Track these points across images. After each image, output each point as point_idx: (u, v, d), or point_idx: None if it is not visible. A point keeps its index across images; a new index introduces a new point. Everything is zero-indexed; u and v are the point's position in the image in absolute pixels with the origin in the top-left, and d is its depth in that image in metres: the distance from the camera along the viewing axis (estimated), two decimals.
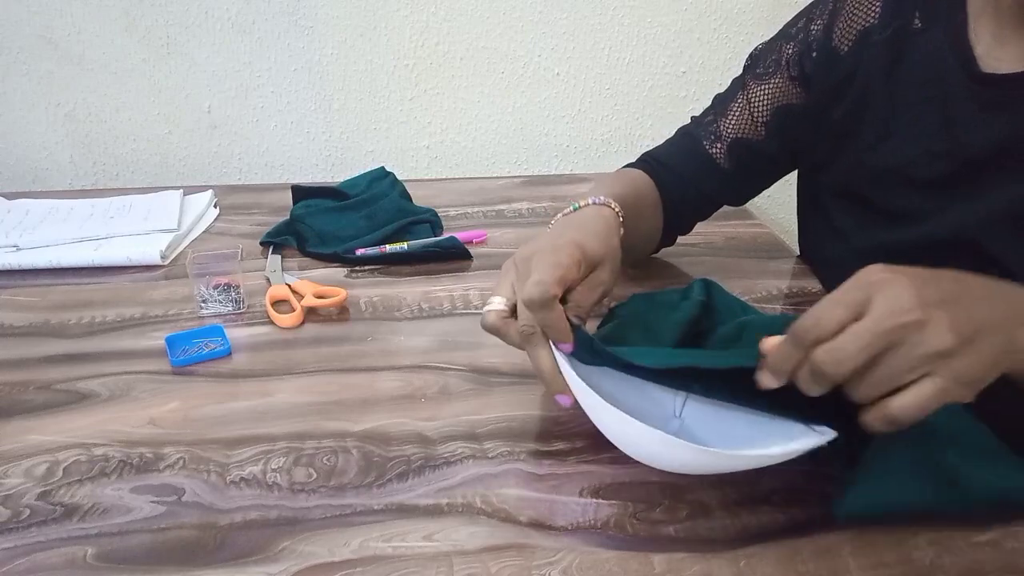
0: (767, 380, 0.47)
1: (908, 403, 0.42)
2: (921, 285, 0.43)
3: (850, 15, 0.69)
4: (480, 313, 0.58)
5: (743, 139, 0.77)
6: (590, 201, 0.64)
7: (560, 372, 0.53)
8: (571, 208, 0.64)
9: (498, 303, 0.56)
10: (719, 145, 0.78)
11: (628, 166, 0.84)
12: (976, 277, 0.47)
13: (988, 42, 0.61)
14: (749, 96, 0.77)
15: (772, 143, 0.77)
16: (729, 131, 0.78)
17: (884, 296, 0.42)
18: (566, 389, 0.53)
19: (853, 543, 0.49)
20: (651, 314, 0.64)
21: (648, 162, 0.82)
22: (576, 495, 0.53)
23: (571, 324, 0.53)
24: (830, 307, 0.43)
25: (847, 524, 0.50)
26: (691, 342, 0.61)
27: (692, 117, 0.84)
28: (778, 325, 0.61)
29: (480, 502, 0.53)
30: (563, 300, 0.55)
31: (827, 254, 0.79)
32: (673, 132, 0.85)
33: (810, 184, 0.81)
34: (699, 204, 0.83)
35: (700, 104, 1.23)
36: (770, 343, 0.47)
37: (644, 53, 1.21)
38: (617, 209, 0.64)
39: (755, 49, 0.79)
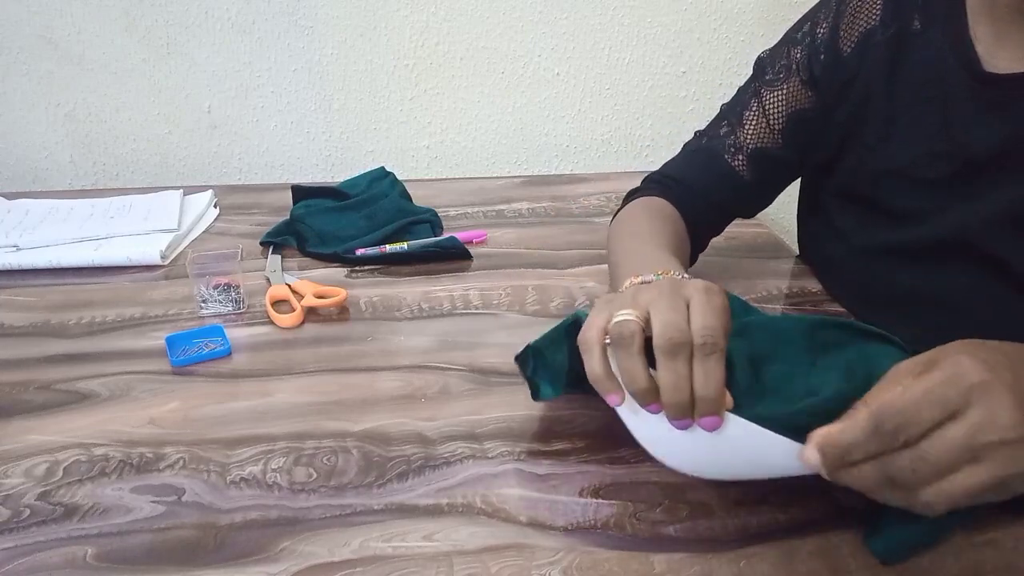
0: (815, 458, 0.42)
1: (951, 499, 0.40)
2: (1020, 396, 0.40)
3: (853, 16, 0.69)
4: (478, 313, 0.57)
5: (762, 148, 0.76)
6: (675, 276, 0.56)
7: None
8: (653, 278, 0.55)
9: (630, 314, 0.48)
10: (740, 156, 0.76)
11: (637, 191, 0.81)
12: None
13: (988, 42, 0.61)
14: (764, 104, 0.75)
15: (789, 149, 0.76)
16: (749, 141, 0.76)
17: (985, 407, 0.39)
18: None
19: (853, 543, 0.49)
20: None
21: (663, 183, 0.79)
22: (576, 495, 0.53)
23: None
24: (925, 406, 0.39)
25: (848, 525, 0.50)
26: None
27: (696, 132, 0.82)
28: (780, 325, 0.61)
29: (480, 502, 0.53)
30: None
31: (827, 254, 0.79)
32: (672, 132, 0.85)
33: (811, 184, 0.81)
34: (718, 219, 0.81)
35: (700, 104, 1.24)
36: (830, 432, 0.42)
37: (644, 53, 1.21)
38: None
39: (759, 57, 0.78)
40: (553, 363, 0.59)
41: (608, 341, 0.49)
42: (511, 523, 0.51)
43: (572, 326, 0.56)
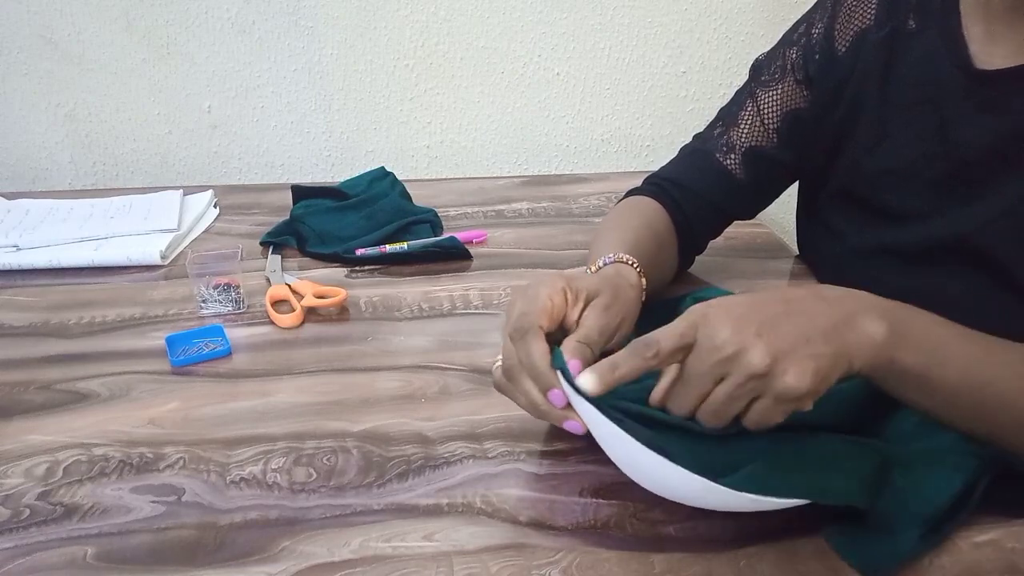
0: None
1: (750, 422, 0.47)
2: (737, 316, 0.47)
3: (847, 16, 0.69)
4: (478, 313, 0.57)
5: (756, 147, 0.76)
6: (600, 263, 0.62)
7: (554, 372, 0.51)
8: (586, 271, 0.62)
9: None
10: (733, 156, 0.76)
11: (634, 191, 0.81)
12: (807, 293, 0.51)
13: (981, 40, 0.61)
14: (758, 103, 0.75)
15: (784, 149, 0.76)
16: (742, 141, 0.76)
17: (704, 333, 0.46)
18: (559, 388, 0.50)
19: None
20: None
21: (658, 184, 0.79)
22: (576, 495, 0.53)
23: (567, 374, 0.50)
24: (661, 336, 0.47)
25: None
26: None
27: (695, 135, 0.82)
28: None
29: (480, 502, 0.53)
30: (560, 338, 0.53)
31: (826, 254, 0.79)
32: (672, 132, 0.85)
33: (809, 184, 0.81)
34: (714, 221, 0.80)
35: (700, 104, 1.24)
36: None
37: (644, 53, 1.21)
38: (632, 262, 0.63)
39: (757, 59, 0.78)
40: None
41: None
42: (511, 523, 0.51)
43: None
